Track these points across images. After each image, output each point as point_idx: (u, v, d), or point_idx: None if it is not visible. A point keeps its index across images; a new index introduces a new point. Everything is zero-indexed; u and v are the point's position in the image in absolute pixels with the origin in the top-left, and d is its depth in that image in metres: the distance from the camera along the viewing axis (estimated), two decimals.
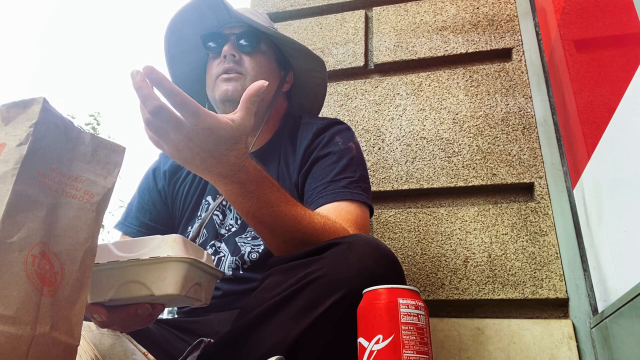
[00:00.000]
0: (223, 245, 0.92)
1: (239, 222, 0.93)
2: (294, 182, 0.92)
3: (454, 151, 1.21)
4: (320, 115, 1.11)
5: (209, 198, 0.98)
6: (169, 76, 1.02)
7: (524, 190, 1.15)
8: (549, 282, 1.02)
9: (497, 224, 1.11)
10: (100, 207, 0.50)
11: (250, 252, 0.88)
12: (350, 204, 0.82)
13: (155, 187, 1.03)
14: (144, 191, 1.03)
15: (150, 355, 0.64)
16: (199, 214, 0.97)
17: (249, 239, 0.90)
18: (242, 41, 0.94)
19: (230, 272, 0.89)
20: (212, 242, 0.94)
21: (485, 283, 1.06)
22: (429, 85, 1.31)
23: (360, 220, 0.82)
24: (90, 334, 0.62)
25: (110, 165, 0.52)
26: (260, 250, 0.88)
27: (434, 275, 1.10)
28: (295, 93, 1.08)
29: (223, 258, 0.91)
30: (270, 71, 0.98)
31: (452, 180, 1.18)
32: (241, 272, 0.89)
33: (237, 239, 0.91)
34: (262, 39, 0.96)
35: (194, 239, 0.82)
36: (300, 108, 1.09)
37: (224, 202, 0.95)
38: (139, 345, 0.65)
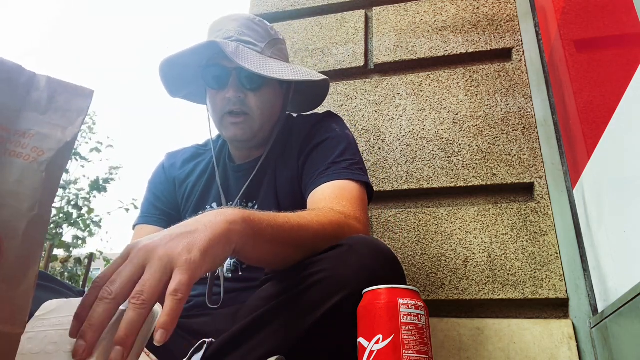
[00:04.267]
0: None
1: None
2: (294, 175, 0.94)
3: (454, 151, 1.21)
4: None
5: (214, 205, 0.98)
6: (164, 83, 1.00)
7: (524, 190, 1.15)
8: (549, 282, 1.02)
9: (497, 224, 1.11)
10: (52, 166, 0.40)
11: None
12: (348, 182, 0.85)
13: (165, 179, 1.07)
14: (156, 183, 1.06)
15: (152, 355, 0.64)
16: None
17: None
18: (246, 79, 0.91)
19: (230, 275, 0.89)
20: None
21: (485, 283, 1.06)
22: (429, 85, 1.31)
23: (356, 196, 0.83)
24: None
25: (71, 112, 0.43)
26: None
27: (434, 275, 1.10)
28: (296, 91, 1.07)
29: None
30: (275, 98, 0.97)
31: (452, 180, 1.18)
32: (240, 274, 0.89)
33: None
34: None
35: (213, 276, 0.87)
36: (301, 102, 1.10)
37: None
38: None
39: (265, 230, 0.59)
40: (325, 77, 0.98)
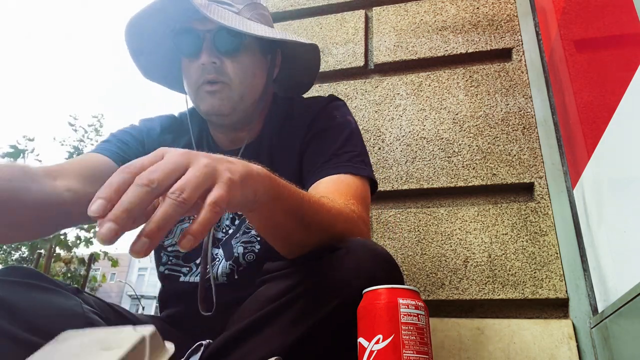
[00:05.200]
0: (220, 251, 0.85)
1: (236, 222, 0.87)
2: (295, 168, 0.87)
3: (454, 151, 1.21)
4: None
5: None
6: (137, 67, 0.91)
7: (524, 190, 1.15)
8: (549, 282, 1.02)
9: (497, 224, 1.11)
10: None
11: (245, 254, 0.83)
12: (352, 177, 0.79)
13: (138, 140, 0.92)
14: (128, 134, 0.92)
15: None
16: None
17: (241, 234, 0.85)
18: (221, 42, 0.81)
19: (225, 278, 0.83)
20: (214, 250, 0.86)
21: (485, 283, 1.06)
22: (429, 85, 1.31)
23: (361, 194, 0.78)
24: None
25: None
26: (256, 250, 0.83)
27: (434, 275, 1.10)
28: (284, 67, 0.97)
29: (217, 264, 0.84)
30: (256, 67, 0.87)
31: (452, 180, 1.18)
32: (236, 277, 0.83)
33: (232, 241, 0.85)
34: (243, 34, 0.81)
35: (204, 275, 0.81)
36: (291, 83, 1.01)
37: None
38: None
39: (285, 197, 0.57)
40: (313, 43, 0.90)
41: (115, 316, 0.77)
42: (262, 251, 0.83)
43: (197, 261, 0.85)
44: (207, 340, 0.65)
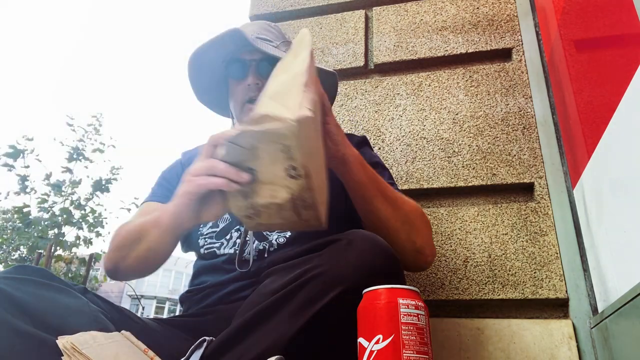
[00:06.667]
0: (249, 232, 0.96)
1: None
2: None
3: (454, 151, 1.21)
4: None
5: None
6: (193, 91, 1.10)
7: (524, 190, 1.15)
8: (549, 282, 1.02)
9: (497, 224, 1.11)
10: None
11: (277, 238, 0.94)
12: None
13: (183, 173, 1.08)
14: (172, 174, 1.10)
15: (150, 352, 0.64)
16: None
17: (276, 232, 0.95)
18: (263, 67, 1.00)
19: (256, 254, 0.92)
20: (237, 226, 0.99)
21: (485, 283, 1.06)
22: (429, 85, 1.31)
23: None
24: (89, 349, 0.61)
25: None
26: (287, 235, 0.94)
27: (434, 275, 1.10)
28: None
29: (249, 241, 0.94)
30: None
31: (452, 180, 1.18)
32: (266, 256, 0.91)
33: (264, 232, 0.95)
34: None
35: (241, 252, 0.93)
36: None
37: None
38: (139, 342, 0.65)
39: (367, 167, 0.82)
40: (333, 71, 1.04)
41: (119, 316, 0.80)
42: (292, 238, 0.93)
43: (227, 237, 0.98)
44: (210, 338, 0.66)
